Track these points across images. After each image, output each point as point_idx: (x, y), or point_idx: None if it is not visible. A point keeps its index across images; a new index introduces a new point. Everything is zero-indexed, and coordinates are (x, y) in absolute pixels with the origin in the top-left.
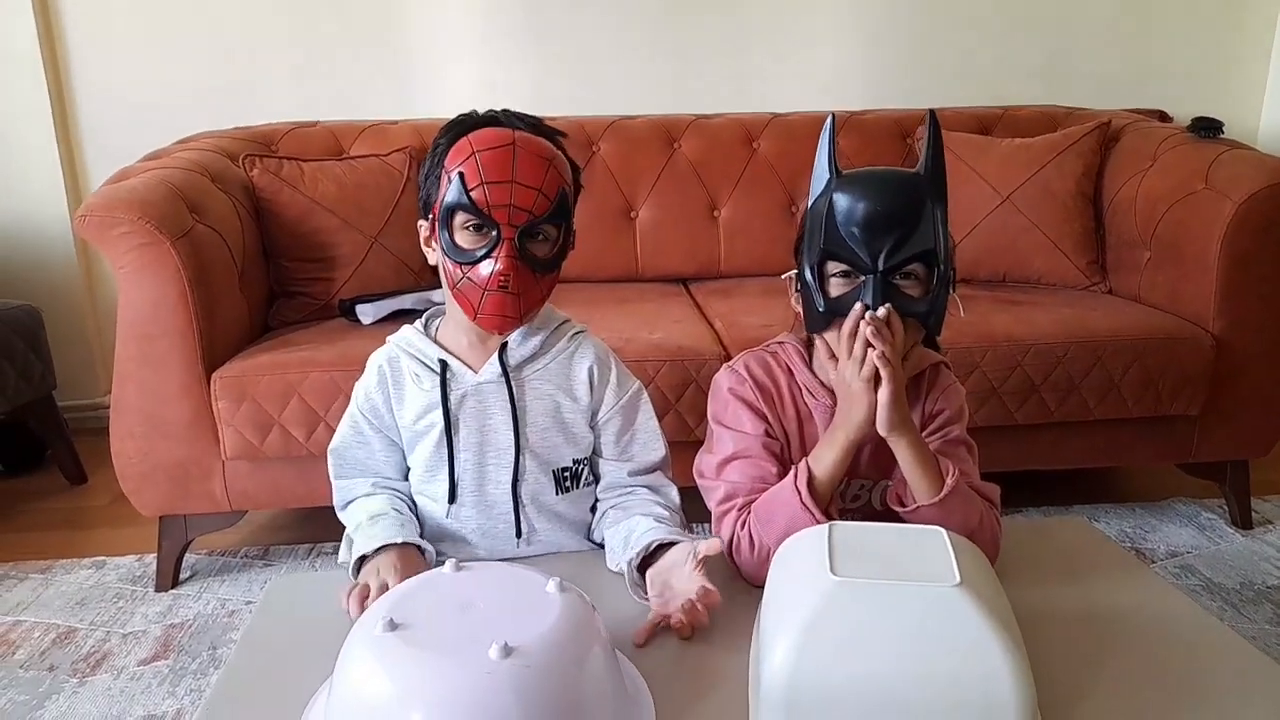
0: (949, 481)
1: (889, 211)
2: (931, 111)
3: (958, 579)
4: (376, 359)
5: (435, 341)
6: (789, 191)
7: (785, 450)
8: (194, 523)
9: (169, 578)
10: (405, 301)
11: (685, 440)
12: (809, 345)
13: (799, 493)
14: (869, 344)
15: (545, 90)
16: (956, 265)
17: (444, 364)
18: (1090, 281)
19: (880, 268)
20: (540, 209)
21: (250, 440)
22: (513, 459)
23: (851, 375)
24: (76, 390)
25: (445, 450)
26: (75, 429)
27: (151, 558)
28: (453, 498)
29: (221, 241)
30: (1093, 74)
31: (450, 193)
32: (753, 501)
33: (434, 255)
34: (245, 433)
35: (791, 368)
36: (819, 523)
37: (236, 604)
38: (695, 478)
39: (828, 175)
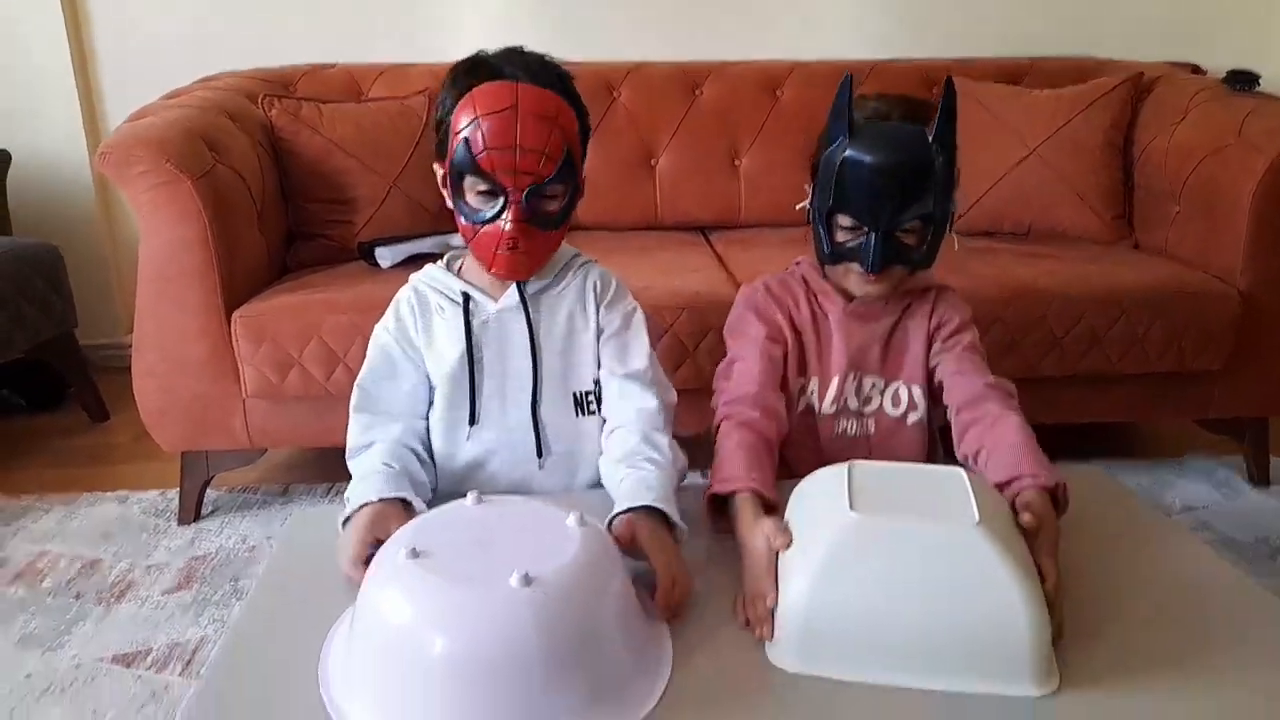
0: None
1: (897, 176)
2: (949, 80)
3: (976, 518)
4: (402, 294)
5: (459, 276)
6: (811, 141)
7: (799, 349)
8: (215, 459)
9: (191, 512)
10: (424, 245)
11: (702, 388)
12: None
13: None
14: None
15: (565, 35)
16: (978, 216)
17: (466, 295)
18: (1117, 235)
19: (882, 228)
20: (546, 172)
21: (270, 379)
22: (530, 381)
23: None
24: (97, 330)
25: (467, 375)
26: (97, 368)
27: (174, 493)
28: (473, 420)
29: (241, 182)
30: (1125, 25)
31: (458, 156)
32: (737, 410)
33: (446, 195)
34: (265, 371)
35: (807, 278)
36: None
37: (257, 539)
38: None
39: (842, 134)
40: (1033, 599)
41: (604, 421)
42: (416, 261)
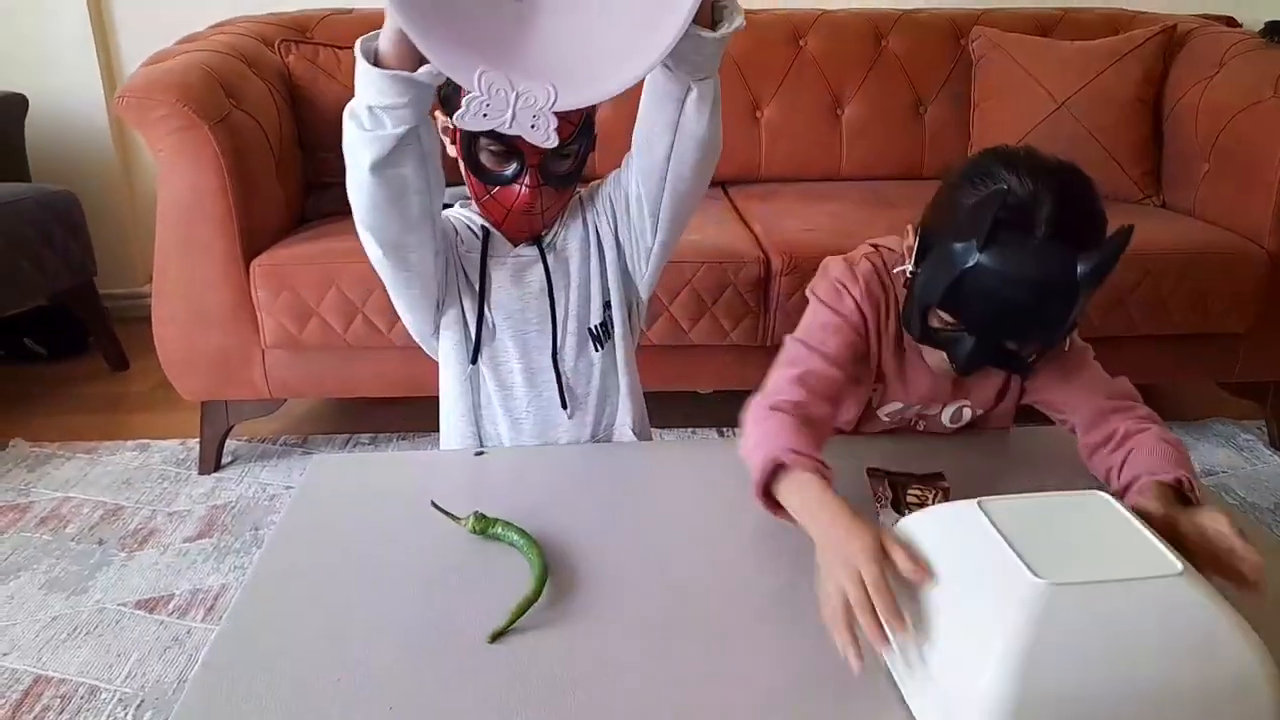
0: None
1: (1028, 307)
2: (1127, 230)
3: (1178, 566)
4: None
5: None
6: (834, 93)
7: (877, 360)
8: (235, 409)
9: (211, 461)
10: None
11: (720, 344)
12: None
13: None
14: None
15: None
16: None
17: (486, 231)
18: (1144, 194)
19: (992, 343)
20: (565, 135)
21: (289, 329)
22: (550, 331)
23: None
24: (116, 279)
25: (476, 310)
26: (116, 318)
27: (194, 442)
28: (474, 359)
29: (259, 128)
30: None
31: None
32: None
33: (453, 150)
34: (284, 321)
35: (898, 295)
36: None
37: (277, 488)
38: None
39: (974, 238)
40: (1263, 652)
41: (629, 334)
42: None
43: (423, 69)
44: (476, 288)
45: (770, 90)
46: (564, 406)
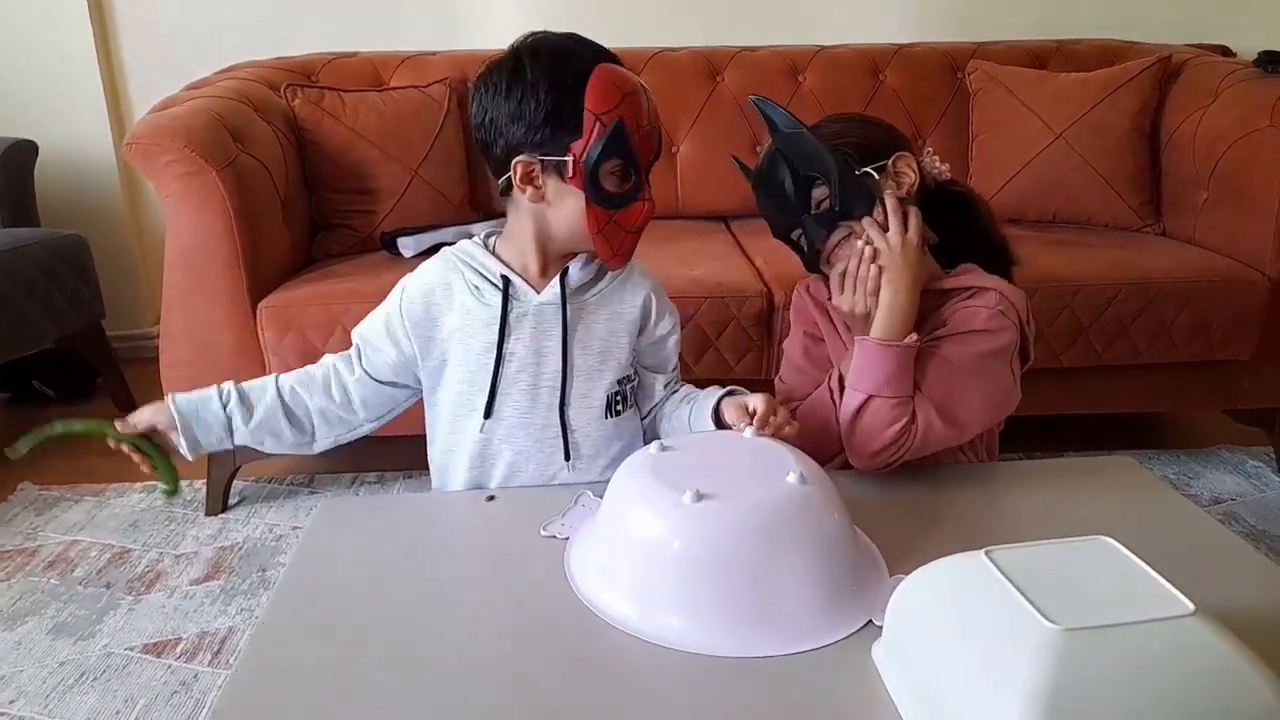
0: (910, 338)
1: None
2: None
3: (1190, 606)
4: (431, 265)
5: (496, 257)
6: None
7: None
8: (241, 449)
9: (218, 502)
10: (446, 235)
11: (724, 378)
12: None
13: (830, 391)
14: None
15: (585, 21)
16: (1003, 203)
17: (506, 280)
18: (1143, 222)
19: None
20: (662, 148)
21: (295, 369)
22: (560, 382)
23: (848, 306)
24: (123, 321)
25: (493, 364)
26: (123, 359)
27: (201, 483)
28: (489, 413)
29: (265, 171)
30: (1153, 6)
31: (609, 137)
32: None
33: (532, 194)
34: (290, 362)
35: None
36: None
37: (284, 529)
38: None
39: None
40: (1275, 682)
41: (636, 411)
42: (439, 251)
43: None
44: (494, 345)
45: None
46: (566, 458)
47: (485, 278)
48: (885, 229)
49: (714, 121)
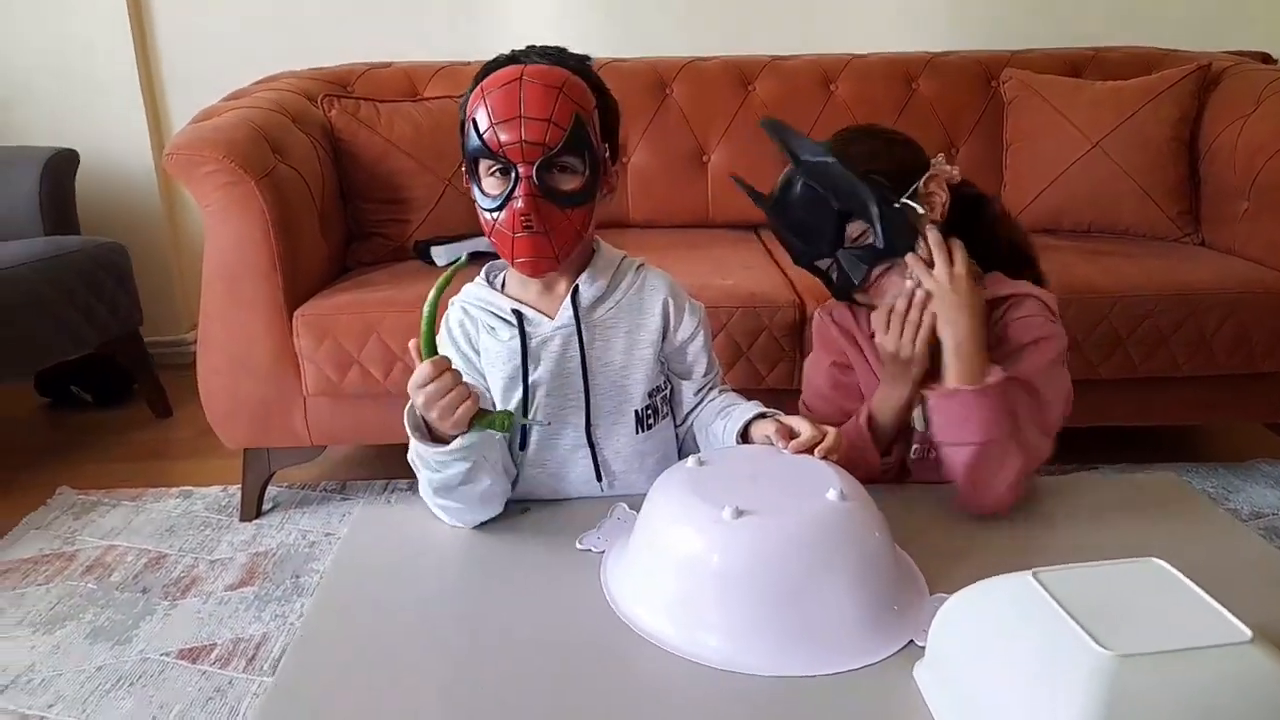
0: (994, 373)
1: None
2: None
3: (1248, 633)
4: (449, 315)
5: (504, 294)
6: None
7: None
8: (276, 456)
9: (253, 508)
10: (479, 244)
11: (756, 388)
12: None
13: (861, 427)
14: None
15: (618, 31)
16: (1038, 213)
17: (519, 314)
18: (1182, 233)
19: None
20: (553, 140)
21: (331, 377)
22: (584, 404)
23: (893, 348)
24: (160, 327)
25: (520, 397)
26: (159, 364)
27: (235, 489)
28: (523, 444)
29: (303, 181)
30: (1191, 13)
31: (470, 140)
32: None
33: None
34: (326, 370)
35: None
36: (877, 456)
37: (317, 535)
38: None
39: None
40: None
41: (671, 420)
42: (472, 260)
43: (458, 441)
44: (520, 378)
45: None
46: (599, 479)
47: (498, 316)
48: (929, 263)
49: (745, 131)
